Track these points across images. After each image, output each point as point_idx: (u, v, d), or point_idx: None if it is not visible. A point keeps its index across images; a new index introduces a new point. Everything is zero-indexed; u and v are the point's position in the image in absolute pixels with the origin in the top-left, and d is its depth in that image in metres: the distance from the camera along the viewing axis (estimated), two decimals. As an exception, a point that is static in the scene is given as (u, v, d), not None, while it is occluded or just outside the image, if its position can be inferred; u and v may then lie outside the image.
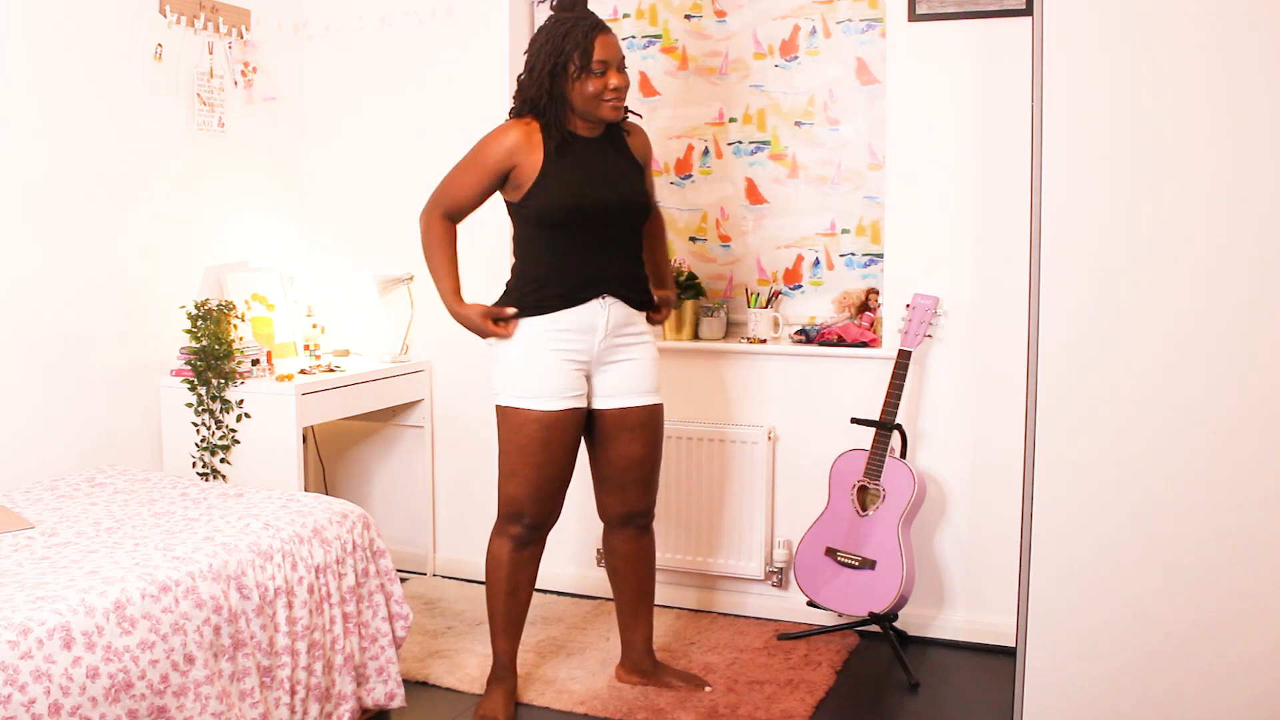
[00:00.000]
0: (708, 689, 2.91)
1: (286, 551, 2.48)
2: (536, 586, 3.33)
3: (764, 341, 3.44)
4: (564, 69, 2.60)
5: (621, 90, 2.63)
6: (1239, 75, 2.14)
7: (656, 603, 3.58)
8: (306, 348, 3.75)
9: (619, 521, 2.88)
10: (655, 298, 2.84)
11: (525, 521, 2.75)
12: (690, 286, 3.52)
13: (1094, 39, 2.22)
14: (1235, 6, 2.14)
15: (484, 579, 2.86)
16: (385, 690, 2.70)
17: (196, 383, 3.27)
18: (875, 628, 3.26)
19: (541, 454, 2.69)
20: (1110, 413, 2.27)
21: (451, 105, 3.73)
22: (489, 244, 3.48)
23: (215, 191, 3.62)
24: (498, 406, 2.74)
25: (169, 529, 2.49)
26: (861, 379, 3.33)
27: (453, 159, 2.78)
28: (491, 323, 2.69)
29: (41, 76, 3.04)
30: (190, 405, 3.30)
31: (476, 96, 3.64)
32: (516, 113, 2.72)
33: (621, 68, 2.64)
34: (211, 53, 3.53)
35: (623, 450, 2.79)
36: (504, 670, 2.83)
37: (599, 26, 2.61)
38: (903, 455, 3.19)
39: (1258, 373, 2.17)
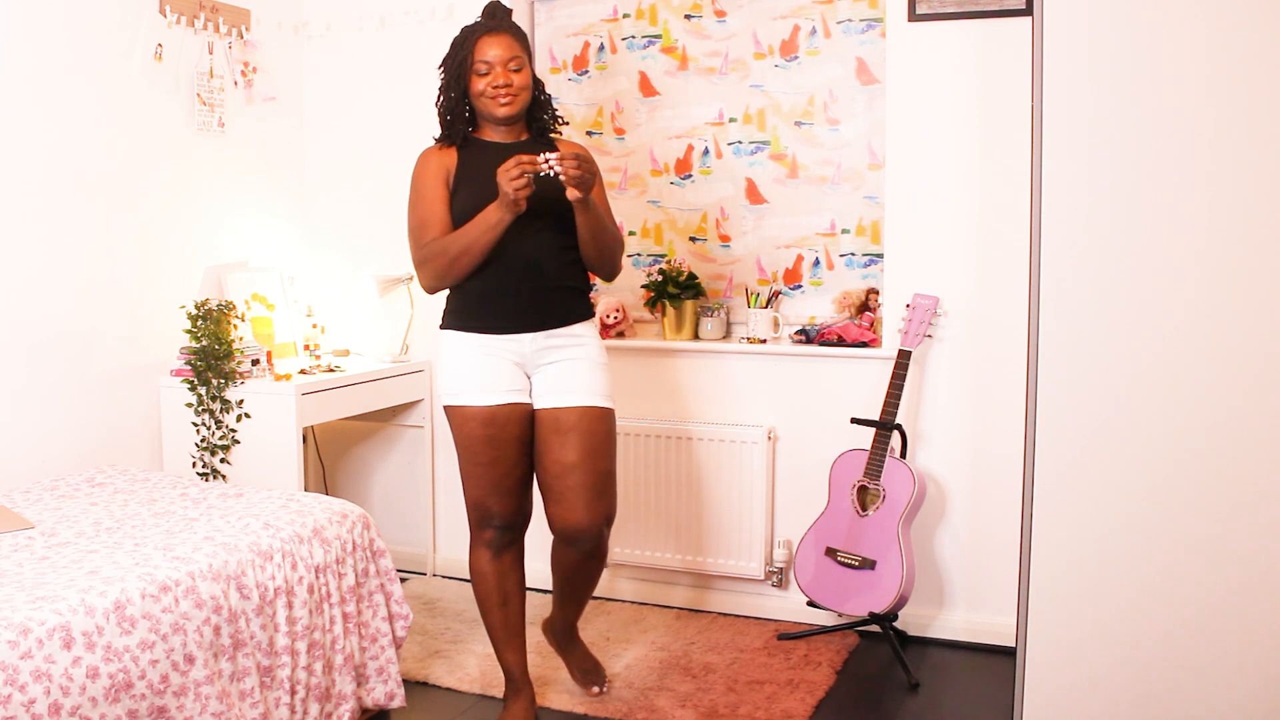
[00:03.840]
0: (594, 690, 2.89)
1: (286, 551, 2.48)
2: (537, 587, 3.34)
3: (764, 341, 3.44)
4: (459, 79, 2.65)
5: (506, 87, 2.61)
6: (1238, 74, 2.14)
7: (656, 603, 3.60)
8: (306, 348, 3.75)
9: (561, 539, 2.70)
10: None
11: (495, 523, 2.68)
12: (690, 286, 3.52)
13: (1094, 39, 2.21)
14: (1234, 6, 2.13)
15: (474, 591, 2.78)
16: (385, 690, 2.70)
17: (196, 383, 3.27)
18: (875, 628, 3.26)
19: (488, 450, 2.63)
20: (1110, 413, 2.27)
21: (451, 105, 3.73)
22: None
23: (215, 191, 3.62)
24: (444, 409, 2.70)
25: (169, 529, 2.49)
26: (861, 379, 3.33)
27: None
28: (512, 178, 2.44)
29: (42, 76, 3.04)
30: (190, 405, 3.30)
31: (476, 96, 3.64)
32: (443, 131, 2.73)
33: (514, 67, 2.62)
34: (211, 53, 3.53)
35: (555, 455, 2.64)
36: (519, 683, 2.75)
37: (489, 28, 2.64)
38: (903, 455, 3.19)
39: (1258, 373, 2.17)
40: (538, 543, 2.98)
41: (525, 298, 2.62)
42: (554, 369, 2.67)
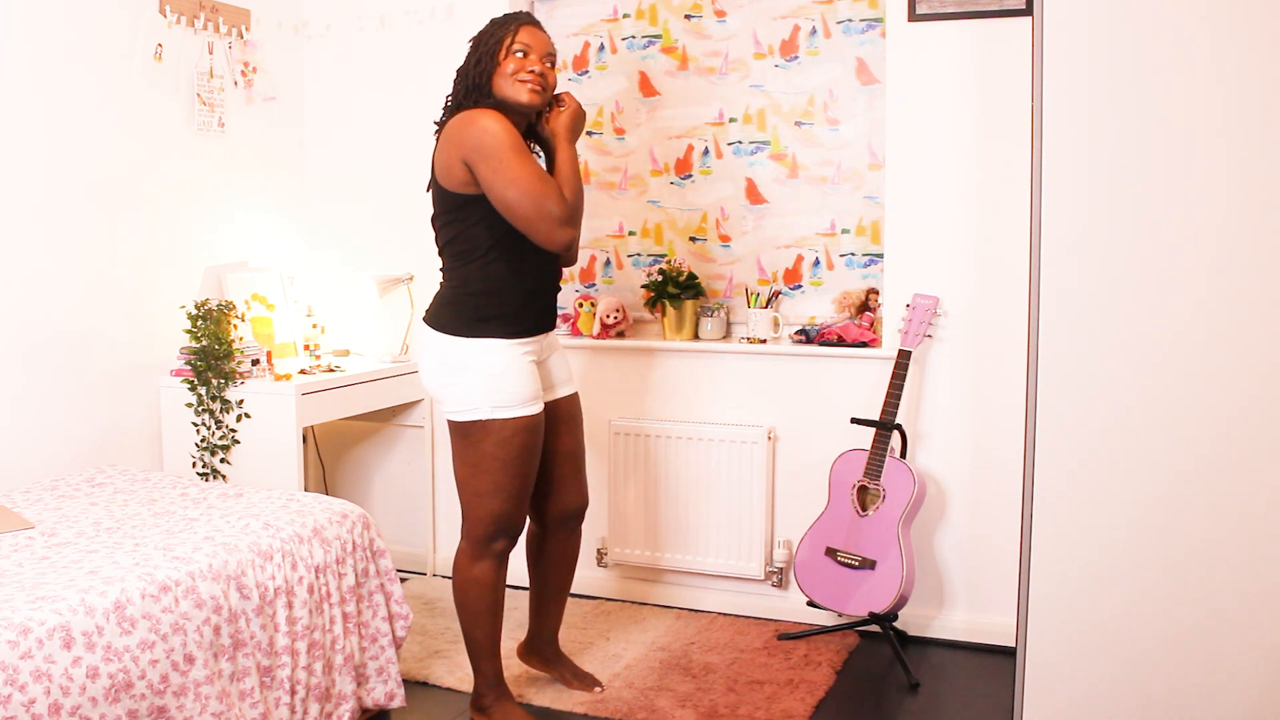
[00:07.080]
0: (598, 690, 2.89)
1: (286, 551, 2.48)
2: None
3: (764, 341, 3.44)
4: (492, 55, 2.55)
5: (541, 77, 2.55)
6: (1238, 74, 2.14)
7: (656, 603, 3.60)
8: (306, 348, 3.75)
9: (560, 522, 2.85)
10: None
11: (513, 533, 2.68)
12: (690, 286, 3.52)
13: (1094, 39, 2.21)
14: (1234, 6, 2.13)
15: (462, 604, 2.69)
16: (385, 690, 2.70)
17: (196, 383, 3.27)
18: (875, 628, 3.26)
19: (530, 461, 2.63)
20: (1110, 412, 2.27)
21: (451, 105, 3.73)
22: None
23: (215, 191, 3.62)
24: (473, 422, 2.57)
25: (169, 529, 2.49)
26: (861, 379, 3.33)
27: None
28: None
29: (42, 76, 3.04)
30: (190, 405, 3.30)
31: (476, 96, 3.64)
32: (458, 108, 2.59)
33: (549, 64, 2.58)
34: (211, 53, 3.53)
35: (557, 443, 2.76)
36: (503, 686, 2.76)
37: (533, 20, 2.60)
38: (903, 455, 3.19)
39: (1258, 373, 2.17)
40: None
41: (550, 295, 2.72)
42: (551, 361, 2.78)
